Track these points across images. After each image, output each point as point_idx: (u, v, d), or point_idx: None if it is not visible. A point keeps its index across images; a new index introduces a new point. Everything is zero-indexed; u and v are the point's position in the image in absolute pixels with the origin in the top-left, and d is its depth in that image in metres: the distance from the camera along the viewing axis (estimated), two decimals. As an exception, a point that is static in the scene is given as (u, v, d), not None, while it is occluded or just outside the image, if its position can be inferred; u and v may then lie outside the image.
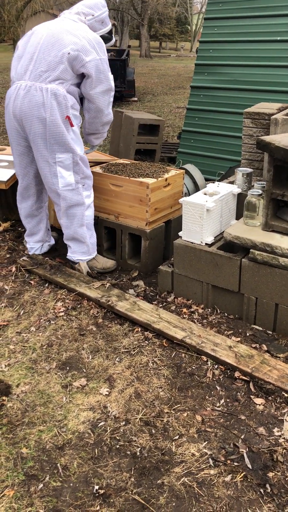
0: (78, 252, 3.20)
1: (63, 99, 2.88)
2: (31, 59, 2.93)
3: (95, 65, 2.89)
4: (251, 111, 3.31)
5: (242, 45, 4.99)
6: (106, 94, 3.02)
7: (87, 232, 3.17)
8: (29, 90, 2.89)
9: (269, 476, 1.77)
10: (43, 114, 2.87)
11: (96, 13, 3.05)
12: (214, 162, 5.19)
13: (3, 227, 3.88)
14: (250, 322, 2.70)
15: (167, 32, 44.59)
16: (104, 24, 3.11)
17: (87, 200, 3.13)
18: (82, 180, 3.08)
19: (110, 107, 3.13)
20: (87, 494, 1.71)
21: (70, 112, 2.93)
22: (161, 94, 14.19)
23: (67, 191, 3.03)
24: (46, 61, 2.87)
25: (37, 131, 2.92)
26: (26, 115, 2.91)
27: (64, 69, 2.87)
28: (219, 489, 1.73)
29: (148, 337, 2.57)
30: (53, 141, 2.92)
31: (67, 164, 2.98)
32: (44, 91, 2.86)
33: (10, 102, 3.00)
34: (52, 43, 2.87)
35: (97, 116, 3.10)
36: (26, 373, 2.32)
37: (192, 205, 2.79)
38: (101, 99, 3.02)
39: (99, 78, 2.94)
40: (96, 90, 2.96)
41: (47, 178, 3.04)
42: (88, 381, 2.26)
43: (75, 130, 2.99)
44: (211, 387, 2.22)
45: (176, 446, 1.91)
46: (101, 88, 2.97)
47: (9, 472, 1.79)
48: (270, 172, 2.52)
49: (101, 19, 3.09)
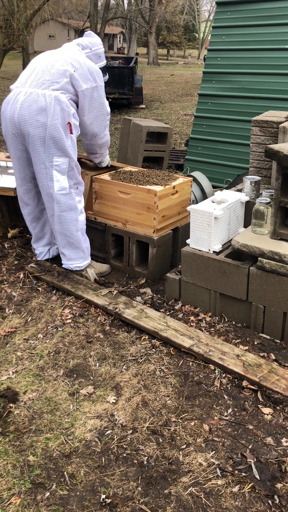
0: (74, 259, 3.22)
1: (66, 106, 2.95)
2: (32, 71, 3.05)
3: (91, 93, 3.02)
4: (259, 119, 3.32)
5: (250, 53, 5.01)
6: (100, 118, 3.14)
7: (81, 237, 3.21)
8: (30, 96, 2.95)
9: (278, 487, 1.75)
10: (44, 118, 2.92)
11: (93, 47, 3.24)
12: (222, 169, 5.20)
13: (11, 233, 3.90)
14: (258, 330, 2.69)
15: (175, 39, 44.85)
16: (101, 59, 3.29)
17: (79, 205, 3.18)
18: (75, 185, 3.15)
19: (106, 130, 3.24)
20: (94, 503, 1.71)
21: (72, 120, 3.00)
22: (168, 101, 14.25)
23: (61, 195, 3.08)
24: (50, 73, 2.98)
25: (36, 134, 2.96)
26: (25, 118, 2.95)
27: (67, 83, 2.97)
28: (227, 499, 1.72)
29: (155, 345, 2.56)
30: (52, 145, 2.97)
31: (63, 168, 3.03)
32: (48, 96, 2.92)
33: (7, 107, 3.05)
34: (55, 59, 3.02)
35: (92, 139, 3.22)
36: (33, 380, 2.32)
37: (200, 213, 2.79)
38: (95, 124, 3.13)
39: (93, 106, 3.06)
40: (90, 115, 3.08)
41: (42, 181, 3.09)
42: (95, 389, 2.26)
43: (73, 138, 3.06)
44: (219, 396, 2.21)
45: (183, 456, 1.90)
46: (95, 114, 3.10)
47: (16, 480, 1.79)
48: (278, 180, 2.52)
49: (97, 54, 3.26)
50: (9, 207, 3.98)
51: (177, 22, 40.75)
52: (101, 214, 3.48)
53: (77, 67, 3.01)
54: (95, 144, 3.27)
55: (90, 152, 3.39)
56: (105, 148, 3.39)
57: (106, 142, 3.31)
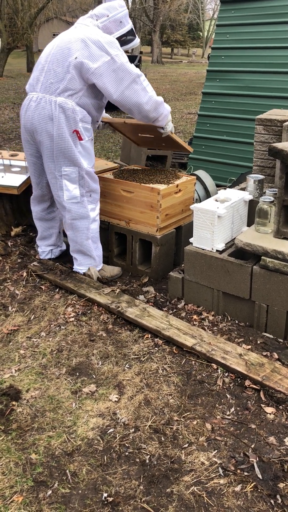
0: (84, 264, 3.19)
1: (71, 112, 2.83)
2: (42, 69, 2.92)
3: (107, 68, 2.73)
4: (263, 118, 3.30)
5: (254, 52, 4.99)
6: (133, 84, 2.78)
7: (92, 245, 3.15)
8: (40, 103, 2.88)
9: (280, 486, 1.75)
10: (51, 127, 2.86)
11: (111, 13, 2.89)
12: (225, 168, 5.19)
13: (15, 232, 3.91)
14: (261, 329, 2.68)
15: (179, 38, 44.78)
16: (122, 25, 2.92)
17: (92, 213, 3.09)
18: (88, 193, 3.05)
19: (147, 91, 2.84)
20: (96, 502, 1.71)
21: (79, 126, 2.88)
22: (172, 100, 14.22)
23: (72, 203, 3.02)
24: (55, 72, 2.82)
25: (46, 144, 2.92)
26: (36, 128, 2.92)
27: (72, 78, 2.78)
28: (229, 499, 1.71)
29: (158, 344, 2.56)
30: (60, 155, 2.90)
31: (72, 178, 2.96)
32: (53, 104, 2.84)
33: (23, 114, 3.01)
34: (60, 53, 2.81)
35: (140, 111, 2.87)
36: (36, 378, 2.32)
37: (204, 211, 2.78)
38: (130, 95, 2.79)
39: (117, 79, 2.74)
40: (118, 90, 2.76)
41: (53, 190, 3.07)
42: (97, 387, 2.26)
43: (84, 144, 2.94)
44: (221, 395, 2.21)
45: (185, 455, 1.90)
46: (124, 85, 2.76)
47: (18, 478, 1.79)
48: (282, 179, 2.51)
49: (117, 19, 2.90)
50: (12, 205, 3.98)
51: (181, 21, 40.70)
52: (104, 213, 3.47)
53: (79, 49, 2.72)
54: (145, 113, 2.89)
55: (149, 121, 2.99)
56: (160, 108, 2.93)
57: (155, 102, 2.88)
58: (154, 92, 2.90)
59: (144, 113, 2.89)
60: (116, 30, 2.93)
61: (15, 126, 9.57)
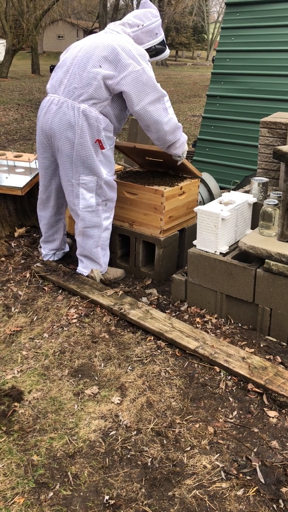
0: (89, 268, 3.17)
1: (95, 121, 2.77)
2: (67, 72, 2.82)
3: (134, 78, 2.68)
4: (267, 121, 3.30)
5: (259, 55, 4.99)
6: (157, 102, 2.77)
7: (100, 252, 3.13)
8: (61, 107, 2.79)
9: (283, 491, 1.74)
10: (72, 134, 2.78)
11: (145, 23, 2.83)
12: (229, 171, 5.18)
13: (18, 233, 3.91)
14: (264, 333, 2.67)
15: (184, 40, 44.80)
16: (154, 36, 2.86)
17: (105, 222, 3.06)
18: (104, 202, 3.01)
19: (168, 112, 2.83)
20: (97, 504, 1.70)
21: (102, 135, 2.82)
22: (176, 102, 14.24)
23: (87, 212, 2.98)
24: (80, 77, 2.74)
25: (64, 150, 2.84)
26: (55, 133, 2.83)
27: (98, 87, 2.72)
28: (231, 503, 1.71)
29: (160, 346, 2.55)
30: (79, 163, 2.84)
31: (90, 187, 2.91)
32: (76, 110, 2.76)
33: (41, 115, 2.92)
34: (87, 58, 2.73)
35: (158, 130, 2.83)
36: (38, 379, 2.32)
37: (207, 214, 2.78)
38: (152, 111, 2.76)
39: (142, 91, 2.71)
40: (142, 103, 2.73)
41: (68, 197, 3.01)
42: (100, 389, 2.25)
43: (105, 152, 2.89)
44: (224, 398, 2.20)
45: (187, 458, 1.89)
46: (148, 99, 2.73)
47: (20, 479, 1.79)
48: (286, 182, 2.51)
49: (149, 30, 2.85)
50: (16, 206, 3.98)
51: (186, 23, 40.72)
52: (108, 214, 3.46)
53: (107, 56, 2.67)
54: (163, 134, 2.84)
55: (165, 144, 2.95)
56: (178, 132, 2.91)
57: (175, 125, 2.85)
58: (175, 116, 2.90)
59: (162, 133, 2.85)
60: (148, 40, 2.89)
61: (20, 127, 9.60)
